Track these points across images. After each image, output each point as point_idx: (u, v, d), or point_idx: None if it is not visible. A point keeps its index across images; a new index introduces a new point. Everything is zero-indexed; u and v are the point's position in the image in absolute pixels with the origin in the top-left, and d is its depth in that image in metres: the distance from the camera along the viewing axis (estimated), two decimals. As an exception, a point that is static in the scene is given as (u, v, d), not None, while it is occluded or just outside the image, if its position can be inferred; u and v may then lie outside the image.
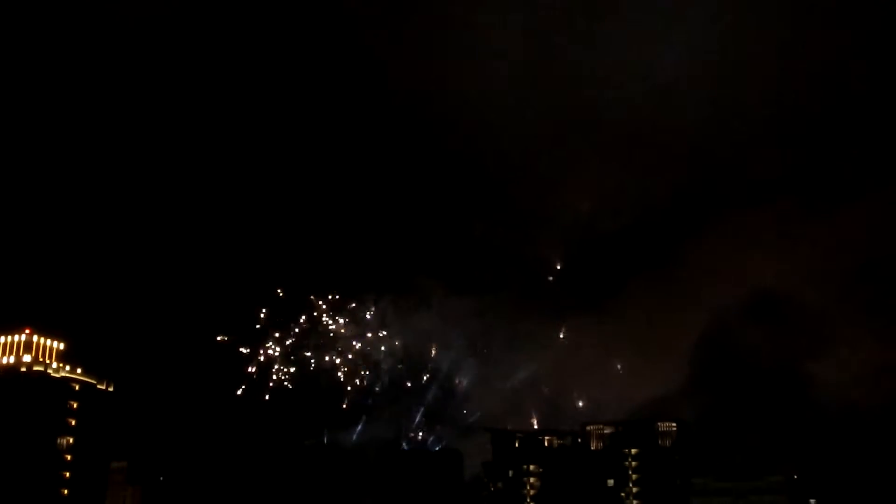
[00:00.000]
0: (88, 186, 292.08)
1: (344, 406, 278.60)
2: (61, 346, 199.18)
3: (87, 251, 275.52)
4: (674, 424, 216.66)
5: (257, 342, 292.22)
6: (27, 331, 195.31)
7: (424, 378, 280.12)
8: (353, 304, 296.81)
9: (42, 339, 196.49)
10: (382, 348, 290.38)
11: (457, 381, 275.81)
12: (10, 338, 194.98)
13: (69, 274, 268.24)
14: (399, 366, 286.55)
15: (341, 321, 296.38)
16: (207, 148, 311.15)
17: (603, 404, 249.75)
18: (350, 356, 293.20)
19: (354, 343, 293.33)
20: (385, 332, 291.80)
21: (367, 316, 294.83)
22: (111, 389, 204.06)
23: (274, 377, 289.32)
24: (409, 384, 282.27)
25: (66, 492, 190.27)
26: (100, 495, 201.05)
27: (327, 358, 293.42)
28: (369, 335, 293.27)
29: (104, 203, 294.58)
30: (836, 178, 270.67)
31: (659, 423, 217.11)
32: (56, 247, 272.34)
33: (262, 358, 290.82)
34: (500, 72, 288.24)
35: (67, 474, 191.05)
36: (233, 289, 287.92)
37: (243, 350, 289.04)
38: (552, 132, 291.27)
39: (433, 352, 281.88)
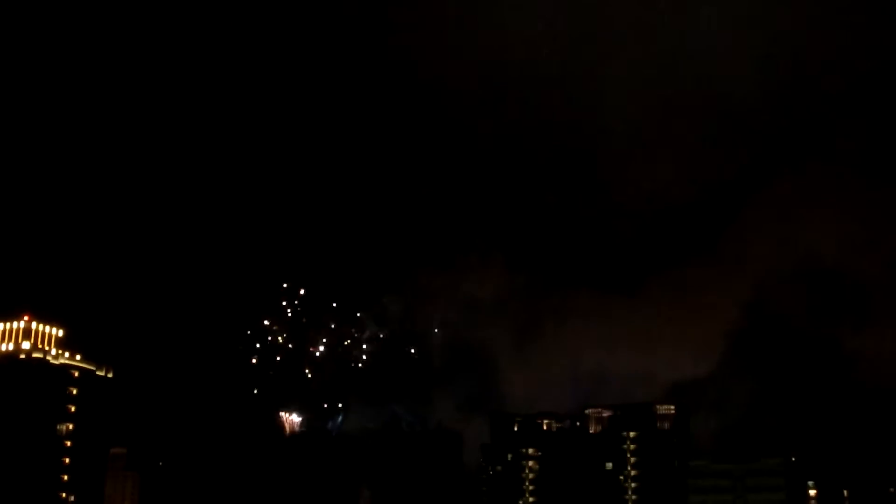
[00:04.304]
0: (87, 174, 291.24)
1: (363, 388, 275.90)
2: (60, 332, 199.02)
3: (85, 237, 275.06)
4: (672, 407, 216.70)
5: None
6: (26, 317, 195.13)
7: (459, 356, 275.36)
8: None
9: (41, 326, 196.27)
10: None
11: (496, 360, 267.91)
12: (8, 324, 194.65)
13: (68, 260, 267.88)
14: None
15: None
16: (212, 135, 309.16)
17: (638, 384, 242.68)
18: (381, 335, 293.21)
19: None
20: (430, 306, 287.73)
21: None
22: (111, 376, 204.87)
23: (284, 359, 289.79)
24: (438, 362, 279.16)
25: (65, 478, 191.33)
26: (99, 481, 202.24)
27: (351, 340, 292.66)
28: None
29: (103, 190, 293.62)
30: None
31: (657, 406, 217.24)
32: (55, 233, 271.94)
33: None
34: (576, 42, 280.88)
35: (67, 460, 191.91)
36: (246, 273, 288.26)
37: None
38: (626, 106, 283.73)
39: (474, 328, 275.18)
